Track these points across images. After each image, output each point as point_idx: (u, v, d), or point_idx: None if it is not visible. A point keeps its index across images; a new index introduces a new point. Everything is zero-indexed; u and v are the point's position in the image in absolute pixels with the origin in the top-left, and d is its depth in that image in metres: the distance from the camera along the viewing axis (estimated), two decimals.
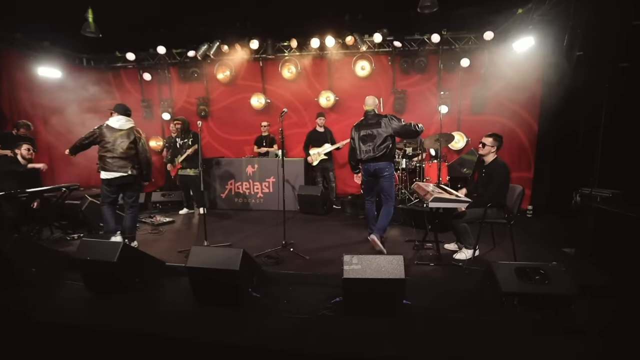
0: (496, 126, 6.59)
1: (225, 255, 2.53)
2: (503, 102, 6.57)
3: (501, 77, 6.44)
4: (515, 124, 6.59)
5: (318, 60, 7.32)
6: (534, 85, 6.24)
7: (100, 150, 3.90)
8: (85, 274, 2.87)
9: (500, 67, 6.46)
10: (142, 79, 7.74)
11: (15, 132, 5.51)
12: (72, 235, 4.37)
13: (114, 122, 3.92)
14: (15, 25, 6.34)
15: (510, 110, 6.57)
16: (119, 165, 3.84)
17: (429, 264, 3.47)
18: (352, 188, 7.45)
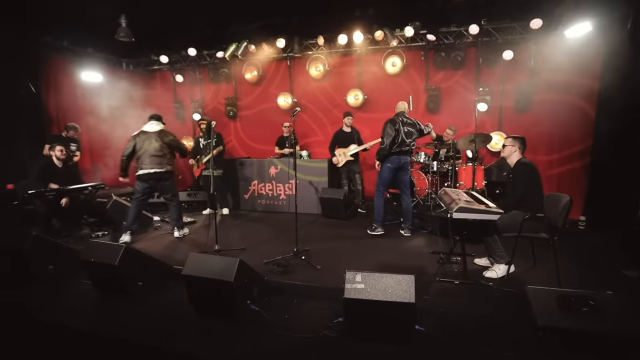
0: (544, 125, 5.90)
1: (221, 265, 2.37)
2: (553, 98, 5.83)
3: (551, 69, 5.74)
4: (568, 123, 5.81)
5: (346, 57, 7.04)
6: (591, 78, 5.44)
7: (137, 153, 4.39)
8: (90, 275, 2.87)
9: (550, 59, 5.75)
10: (174, 80, 7.96)
11: (65, 134, 5.89)
12: (97, 233, 4.51)
13: (146, 127, 4.50)
14: (62, 34, 6.79)
15: (562, 108, 5.79)
16: (153, 162, 4.33)
17: (453, 282, 3.07)
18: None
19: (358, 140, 5.87)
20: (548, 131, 5.93)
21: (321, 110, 7.36)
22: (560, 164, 5.95)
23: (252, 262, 3.50)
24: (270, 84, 7.59)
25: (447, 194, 3.40)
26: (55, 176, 4.52)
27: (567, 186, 5.72)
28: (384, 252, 3.93)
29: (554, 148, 5.98)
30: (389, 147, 4.33)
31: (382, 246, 4.17)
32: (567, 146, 5.85)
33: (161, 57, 7.61)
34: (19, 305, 2.78)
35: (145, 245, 4.20)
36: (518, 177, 3.19)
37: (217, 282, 2.32)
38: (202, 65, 7.81)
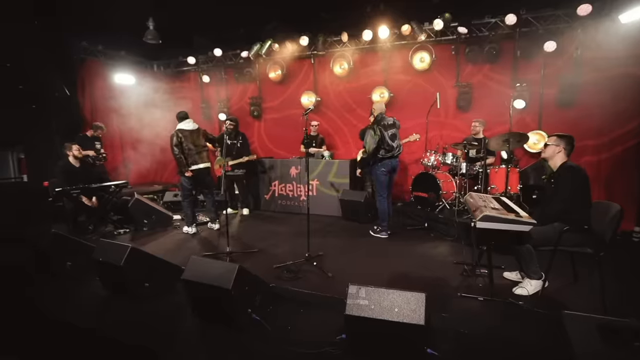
0: (592, 122, 5.31)
1: (220, 271, 2.26)
2: (602, 92, 5.20)
3: (601, 60, 5.13)
4: (622, 119, 5.17)
5: (371, 54, 6.77)
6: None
7: (184, 151, 4.57)
8: (100, 274, 2.89)
9: (600, 48, 5.14)
10: (201, 81, 8.10)
11: (91, 134, 6.12)
12: (119, 231, 4.63)
13: (186, 125, 4.65)
14: (97, 38, 7.13)
15: (613, 103, 5.17)
16: (204, 158, 4.70)
17: (476, 298, 2.75)
18: (402, 192, 6.76)
19: None
20: (596, 129, 5.33)
21: (346, 109, 7.15)
22: (611, 164, 5.31)
23: (263, 266, 3.46)
24: (294, 82, 7.49)
25: (473, 200, 3.08)
26: (76, 176, 4.67)
27: (619, 193, 5.09)
28: (403, 260, 3.66)
29: (602, 148, 5.36)
30: (372, 153, 4.30)
31: (403, 253, 3.90)
32: (619, 149, 5.21)
33: (188, 58, 7.77)
34: (29, 301, 2.85)
35: (159, 244, 4.24)
36: (562, 183, 2.74)
37: (215, 289, 2.21)
38: (228, 65, 7.88)
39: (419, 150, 6.50)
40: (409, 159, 6.77)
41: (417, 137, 5.36)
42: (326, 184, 5.76)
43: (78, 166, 4.72)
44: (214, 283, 2.22)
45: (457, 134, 6.39)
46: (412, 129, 6.38)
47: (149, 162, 8.25)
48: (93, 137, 6.09)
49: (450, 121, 6.52)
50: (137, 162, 8.10)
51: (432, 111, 6.46)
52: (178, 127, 4.68)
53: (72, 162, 4.68)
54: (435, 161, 5.18)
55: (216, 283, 2.21)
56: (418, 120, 6.54)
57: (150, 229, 4.81)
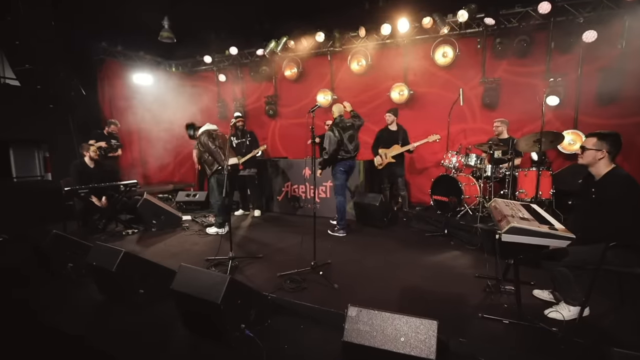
0: (634, 121, 4.75)
1: (209, 283, 2.06)
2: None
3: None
4: None
5: (390, 49, 6.44)
6: None
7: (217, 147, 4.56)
8: (95, 278, 2.78)
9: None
10: (217, 80, 8.05)
11: (106, 130, 6.18)
12: (127, 231, 4.58)
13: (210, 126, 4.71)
14: (116, 39, 7.22)
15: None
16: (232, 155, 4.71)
17: (501, 320, 2.41)
18: (424, 195, 6.37)
19: (403, 141, 5.25)
20: None
21: (363, 107, 6.84)
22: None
23: (266, 274, 3.25)
24: (311, 80, 7.28)
25: (498, 208, 2.72)
26: (89, 176, 4.66)
27: None
28: (418, 271, 3.34)
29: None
30: (332, 154, 4.42)
31: (418, 263, 3.58)
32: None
33: (205, 57, 7.73)
34: (23, 302, 2.78)
35: (165, 246, 4.14)
36: (610, 197, 2.26)
37: (203, 302, 2.02)
38: (243, 63, 7.78)
39: (440, 150, 6.11)
40: (429, 160, 6.39)
41: (437, 138, 5.00)
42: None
43: (93, 167, 4.71)
44: (203, 296, 2.02)
45: (481, 134, 5.96)
46: (433, 128, 5.97)
47: (165, 161, 8.31)
48: (109, 134, 6.14)
49: (474, 120, 6.09)
50: (154, 161, 8.17)
51: (455, 110, 6.07)
52: (204, 128, 4.68)
53: (87, 163, 4.67)
54: (457, 163, 4.79)
55: (205, 296, 2.01)
56: (439, 119, 6.14)
57: (159, 229, 4.73)
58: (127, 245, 4.10)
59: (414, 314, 1.73)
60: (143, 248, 4.01)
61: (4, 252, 4.15)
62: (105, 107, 7.20)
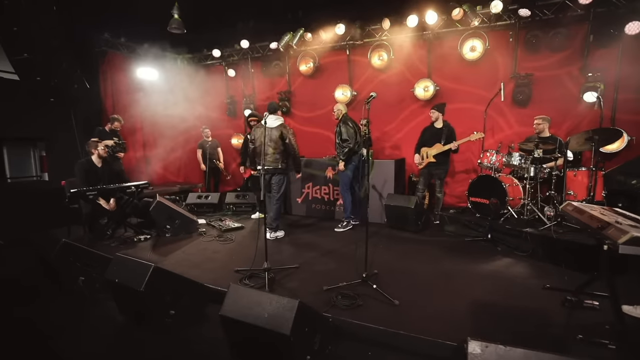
0: None
1: (273, 309, 1.67)
2: None
3: None
4: None
5: (414, 43, 6.07)
6: None
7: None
8: (116, 297, 2.36)
9: None
10: (226, 75, 7.62)
11: (109, 128, 5.73)
12: (139, 237, 4.14)
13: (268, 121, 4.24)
14: (119, 30, 6.75)
15: None
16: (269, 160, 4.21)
17: (607, 345, 2.05)
18: (454, 199, 6.03)
19: (447, 139, 4.83)
20: None
21: (384, 104, 6.48)
22: None
23: (310, 288, 2.85)
24: (327, 76, 6.88)
25: (587, 212, 2.38)
26: (97, 176, 4.22)
27: None
28: (476, 283, 2.99)
29: None
30: (354, 145, 4.44)
31: (471, 272, 3.22)
32: None
33: (214, 51, 7.31)
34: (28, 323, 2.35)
35: (184, 255, 3.71)
36: None
37: (268, 332, 1.62)
38: (255, 58, 7.37)
39: (468, 150, 5.79)
40: (457, 160, 6.02)
41: (480, 136, 4.66)
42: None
43: (100, 166, 4.25)
44: (266, 325, 1.63)
45: (511, 132, 5.66)
46: (460, 126, 5.67)
47: (169, 160, 7.85)
48: (111, 130, 5.70)
49: (505, 118, 5.77)
50: (159, 161, 7.71)
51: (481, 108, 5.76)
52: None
53: (95, 161, 4.21)
54: (498, 162, 4.45)
55: (269, 326, 1.62)
56: (467, 116, 5.82)
57: (174, 235, 4.30)
58: (141, 254, 3.67)
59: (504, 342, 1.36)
60: (160, 257, 3.58)
61: (1, 261, 3.69)
62: (107, 102, 6.72)
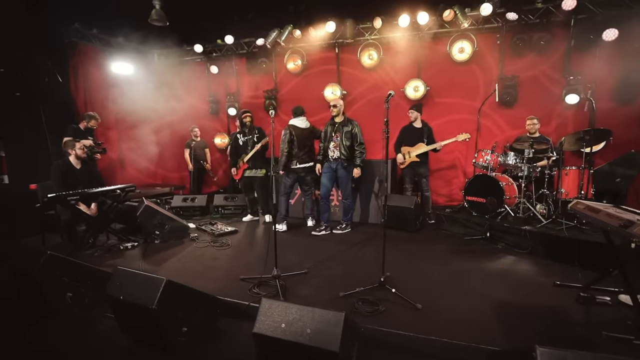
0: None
1: (317, 323, 1.52)
2: None
3: None
4: None
5: (405, 43, 6.07)
6: None
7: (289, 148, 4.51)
8: (119, 316, 2.10)
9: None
10: (209, 72, 7.28)
11: (84, 126, 5.26)
12: (126, 245, 3.79)
13: (298, 122, 4.60)
14: (91, 20, 6.23)
15: None
16: (304, 158, 4.57)
17: (632, 340, 2.09)
18: (442, 198, 6.11)
19: (428, 139, 4.91)
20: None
21: (374, 104, 6.45)
22: None
23: (325, 294, 2.71)
24: (316, 74, 6.75)
25: (597, 210, 2.41)
26: (76, 178, 3.84)
27: None
28: (489, 282, 2.99)
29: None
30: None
31: (481, 272, 3.23)
32: None
33: (195, 46, 6.94)
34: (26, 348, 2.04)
35: (180, 263, 3.44)
36: None
37: (312, 350, 1.47)
38: (239, 54, 7.09)
39: (454, 149, 5.90)
40: (443, 160, 6.10)
41: (467, 137, 4.73)
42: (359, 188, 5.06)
43: (79, 167, 3.84)
44: (310, 342, 1.48)
45: (498, 132, 5.81)
46: (449, 126, 5.76)
47: (148, 161, 7.38)
48: (87, 129, 5.23)
49: (491, 118, 5.92)
50: (135, 161, 7.22)
51: (468, 107, 5.89)
52: (290, 122, 4.62)
53: (73, 163, 3.80)
54: (493, 162, 4.53)
55: (314, 343, 1.47)
56: (456, 116, 5.93)
57: (163, 241, 3.99)
58: (132, 263, 3.35)
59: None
60: (154, 267, 3.29)
61: None
62: (78, 98, 6.18)
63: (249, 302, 2.51)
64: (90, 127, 5.23)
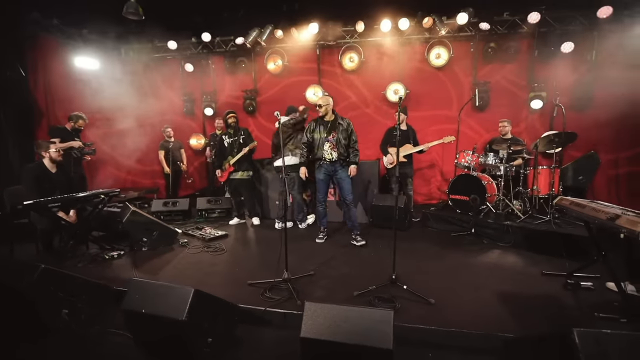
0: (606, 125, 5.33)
1: (366, 322, 1.54)
2: (619, 95, 5.16)
3: (617, 63, 5.16)
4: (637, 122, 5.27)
5: (385, 47, 6.27)
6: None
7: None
8: (137, 331, 1.96)
9: (617, 52, 5.19)
10: (183, 70, 6.97)
11: (70, 127, 4.90)
12: (111, 254, 3.52)
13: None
14: (52, 10, 5.69)
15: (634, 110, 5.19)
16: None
17: (618, 319, 2.35)
18: (421, 197, 6.38)
19: (414, 141, 5.10)
20: (611, 131, 5.40)
21: (355, 106, 6.58)
22: (631, 161, 5.41)
23: (339, 294, 2.74)
24: (297, 75, 6.74)
25: (583, 205, 2.69)
26: (52, 184, 3.50)
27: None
28: (485, 275, 3.20)
29: (620, 146, 5.46)
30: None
31: (475, 266, 3.45)
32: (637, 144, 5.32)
33: (169, 42, 6.61)
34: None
35: (177, 271, 3.27)
36: None
37: (366, 349, 1.49)
38: (217, 53, 6.87)
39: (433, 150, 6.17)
40: (424, 160, 6.38)
41: (452, 139, 4.98)
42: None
43: (55, 171, 3.49)
44: (363, 342, 1.49)
45: (472, 134, 6.19)
46: (428, 128, 6.04)
47: (116, 163, 6.91)
48: (73, 129, 4.88)
49: (465, 121, 6.28)
50: (102, 164, 6.72)
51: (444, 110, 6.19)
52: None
53: (48, 166, 3.44)
54: (474, 162, 4.82)
55: (367, 342, 1.49)
56: (435, 119, 6.22)
57: (152, 248, 3.76)
58: (123, 273, 3.13)
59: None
60: (150, 275, 3.09)
61: None
62: (39, 95, 5.63)
63: (265, 307, 2.46)
64: (77, 128, 4.90)
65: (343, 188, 4.10)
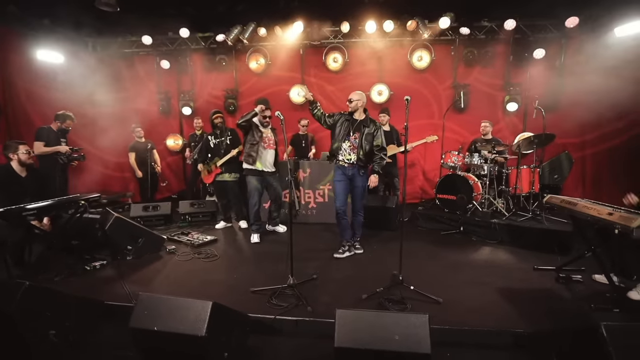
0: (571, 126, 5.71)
1: (403, 328, 1.50)
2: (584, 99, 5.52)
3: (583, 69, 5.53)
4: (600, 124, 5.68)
5: (367, 49, 6.31)
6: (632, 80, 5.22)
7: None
8: (147, 349, 1.79)
9: (583, 59, 5.57)
10: (158, 66, 6.61)
11: (57, 127, 4.53)
12: (93, 264, 3.23)
13: None
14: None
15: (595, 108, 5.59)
16: None
17: (611, 310, 2.50)
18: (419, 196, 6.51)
19: (397, 141, 5.19)
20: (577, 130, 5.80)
21: (337, 107, 6.55)
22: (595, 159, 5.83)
23: (348, 298, 2.71)
24: (279, 74, 6.61)
25: (574, 203, 2.85)
26: (22, 189, 3.16)
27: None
28: (480, 271, 3.31)
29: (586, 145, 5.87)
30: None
31: (470, 263, 3.55)
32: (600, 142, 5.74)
33: (144, 37, 6.25)
34: None
35: (169, 280, 3.07)
36: None
37: (403, 356, 1.45)
38: (195, 49, 6.57)
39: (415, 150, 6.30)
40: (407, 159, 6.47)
41: (435, 138, 5.11)
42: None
43: (24, 175, 3.14)
44: (401, 348, 1.46)
45: (452, 135, 6.38)
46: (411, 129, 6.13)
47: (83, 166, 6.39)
48: (60, 130, 4.51)
49: (445, 122, 6.47)
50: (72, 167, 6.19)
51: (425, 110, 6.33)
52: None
53: (16, 169, 3.09)
54: (460, 162, 4.97)
55: (405, 348, 1.46)
56: (418, 120, 6.35)
57: (137, 256, 3.50)
58: (111, 286, 2.88)
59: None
60: (141, 287, 2.84)
61: None
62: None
63: (275, 315, 2.36)
64: (64, 128, 4.50)
65: (356, 197, 3.63)
